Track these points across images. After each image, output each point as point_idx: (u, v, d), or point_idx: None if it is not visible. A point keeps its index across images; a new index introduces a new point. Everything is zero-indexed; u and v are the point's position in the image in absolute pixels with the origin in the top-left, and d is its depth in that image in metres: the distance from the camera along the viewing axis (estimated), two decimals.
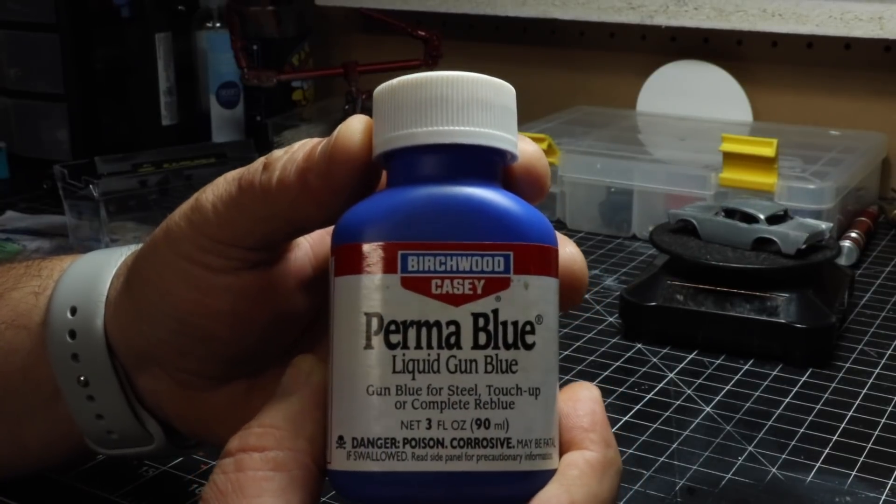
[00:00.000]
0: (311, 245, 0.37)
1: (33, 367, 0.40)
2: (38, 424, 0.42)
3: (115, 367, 0.39)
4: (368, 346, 0.28)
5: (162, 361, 0.38)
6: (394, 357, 0.28)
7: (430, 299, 0.28)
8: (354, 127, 0.31)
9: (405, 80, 0.30)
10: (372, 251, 0.28)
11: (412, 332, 0.28)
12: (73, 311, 0.39)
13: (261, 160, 0.34)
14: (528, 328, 0.29)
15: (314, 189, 0.32)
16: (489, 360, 0.28)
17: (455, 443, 0.28)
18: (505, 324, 0.29)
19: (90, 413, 0.40)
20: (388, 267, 0.28)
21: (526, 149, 0.32)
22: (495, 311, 0.29)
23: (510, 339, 0.29)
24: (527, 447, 0.29)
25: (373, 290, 0.28)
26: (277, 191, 0.32)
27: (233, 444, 0.30)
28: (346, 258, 0.29)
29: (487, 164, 0.30)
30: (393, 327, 0.28)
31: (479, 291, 0.29)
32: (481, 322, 0.28)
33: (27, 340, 0.41)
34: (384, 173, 0.32)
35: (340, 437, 0.29)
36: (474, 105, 0.30)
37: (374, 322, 0.28)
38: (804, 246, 0.64)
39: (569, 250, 0.33)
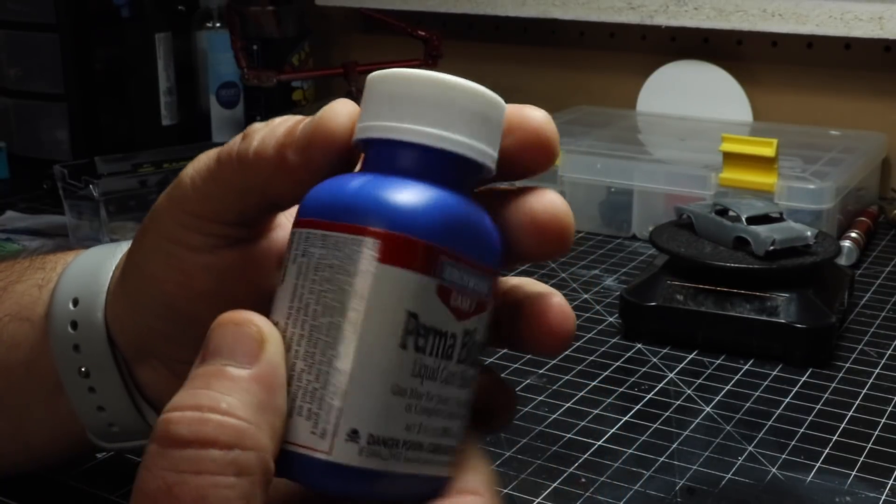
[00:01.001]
0: (291, 220, 0.37)
1: (36, 360, 0.41)
2: (39, 418, 0.42)
3: (115, 358, 0.39)
4: (403, 345, 0.28)
5: (156, 351, 0.39)
6: (415, 360, 0.28)
7: (448, 310, 0.29)
8: (338, 110, 0.31)
9: (406, 72, 0.30)
10: (424, 251, 0.28)
11: (431, 339, 0.28)
12: (76, 302, 0.39)
13: (240, 133, 0.34)
14: (482, 348, 0.30)
15: (291, 165, 0.32)
16: (463, 374, 0.30)
17: (429, 447, 0.29)
18: (476, 343, 0.30)
19: (91, 405, 0.40)
20: (432, 271, 0.28)
21: (534, 115, 0.32)
22: (475, 330, 0.30)
23: (474, 357, 0.30)
24: (455, 454, 0.30)
25: (419, 290, 0.28)
26: (254, 161, 0.32)
27: (182, 429, 0.26)
28: (398, 248, 0.28)
29: (474, 177, 0.31)
30: (422, 331, 0.28)
31: (473, 309, 0.29)
32: (467, 339, 0.29)
33: (30, 333, 0.41)
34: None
35: (354, 431, 0.28)
36: (474, 117, 0.30)
37: (412, 322, 0.28)
38: (772, 248, 0.64)
39: (549, 197, 0.33)
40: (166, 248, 0.35)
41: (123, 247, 0.40)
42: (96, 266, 0.40)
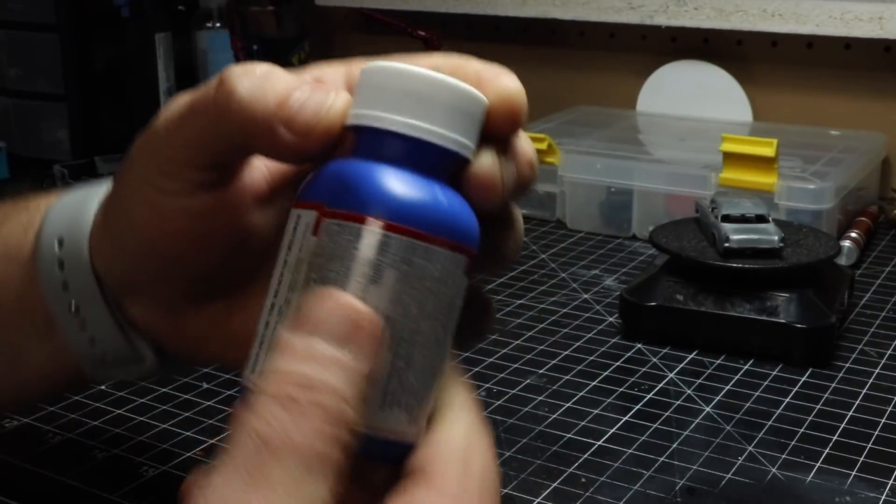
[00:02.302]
0: (265, 162, 0.38)
1: (26, 299, 0.42)
2: (35, 354, 0.43)
3: (104, 294, 0.40)
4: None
5: (142, 288, 0.40)
6: None
7: None
8: (337, 105, 0.33)
9: (396, 66, 0.31)
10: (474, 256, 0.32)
11: None
12: (61, 243, 0.41)
13: (216, 78, 0.34)
14: None
15: (283, 140, 0.33)
16: None
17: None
18: None
19: (83, 339, 0.41)
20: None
21: (507, 85, 0.34)
22: None
23: None
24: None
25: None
26: (237, 116, 0.33)
27: (298, 394, 0.28)
28: (472, 260, 0.31)
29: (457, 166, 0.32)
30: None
31: None
32: None
33: (17, 273, 0.42)
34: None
35: (425, 416, 0.32)
36: (457, 112, 0.31)
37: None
38: (726, 245, 0.64)
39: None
40: (143, 194, 0.37)
41: (104, 187, 0.41)
42: (79, 207, 0.41)
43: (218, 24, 1.15)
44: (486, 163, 0.33)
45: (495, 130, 0.33)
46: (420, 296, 0.30)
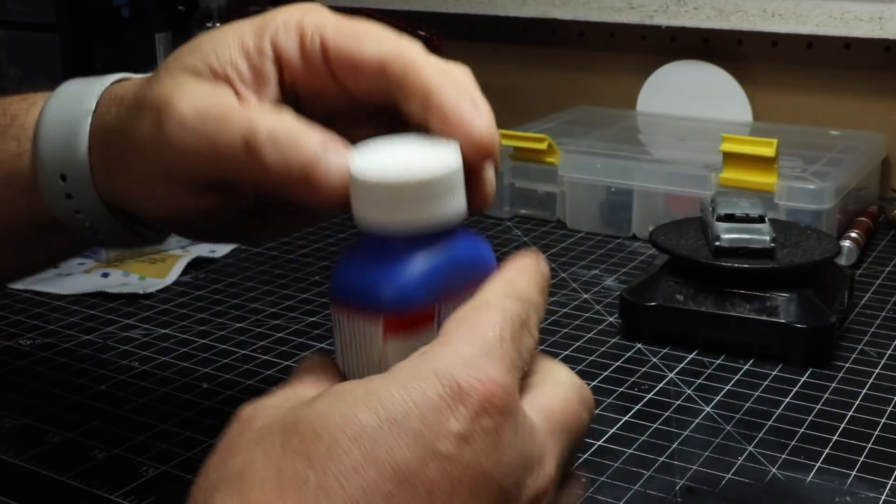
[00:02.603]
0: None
1: (33, 214, 0.45)
2: (43, 246, 0.47)
3: (113, 210, 0.44)
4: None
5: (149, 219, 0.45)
6: None
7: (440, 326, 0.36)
8: (342, 182, 0.36)
9: (375, 180, 0.35)
10: (422, 315, 0.36)
11: None
12: (63, 178, 0.43)
13: (240, 135, 0.37)
14: None
15: (304, 198, 0.36)
16: None
17: None
18: None
19: (97, 241, 0.47)
20: (433, 322, 0.36)
21: (479, 130, 0.37)
22: None
23: None
24: None
25: (418, 343, 0.35)
26: (263, 176, 0.37)
27: None
28: (396, 324, 0.35)
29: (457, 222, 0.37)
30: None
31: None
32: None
33: (19, 193, 0.45)
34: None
35: None
36: (445, 193, 0.35)
37: None
38: (718, 243, 0.64)
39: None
40: (150, 189, 0.41)
41: (87, 115, 0.44)
42: (70, 139, 0.43)
43: (218, 24, 1.14)
44: (482, 197, 0.37)
45: (478, 163, 0.37)
46: (355, 354, 0.36)
